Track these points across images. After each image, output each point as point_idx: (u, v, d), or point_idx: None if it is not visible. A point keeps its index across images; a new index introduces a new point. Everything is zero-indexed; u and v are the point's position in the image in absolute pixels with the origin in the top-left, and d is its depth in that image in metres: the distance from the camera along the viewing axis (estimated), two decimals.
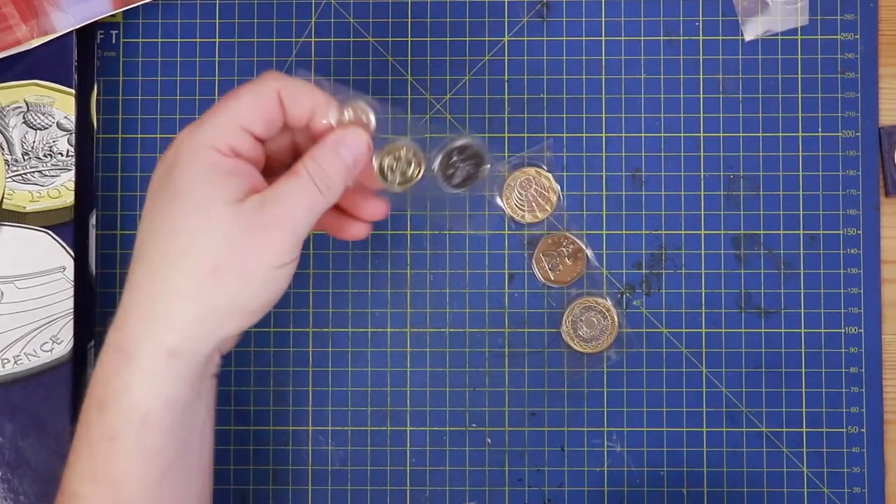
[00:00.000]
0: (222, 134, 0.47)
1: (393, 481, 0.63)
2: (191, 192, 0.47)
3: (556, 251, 0.63)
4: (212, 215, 0.46)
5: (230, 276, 0.46)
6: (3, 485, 0.59)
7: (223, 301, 0.47)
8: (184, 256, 0.46)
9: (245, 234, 0.46)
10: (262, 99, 0.48)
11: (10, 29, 0.60)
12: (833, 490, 0.62)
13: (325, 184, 0.48)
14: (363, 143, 0.50)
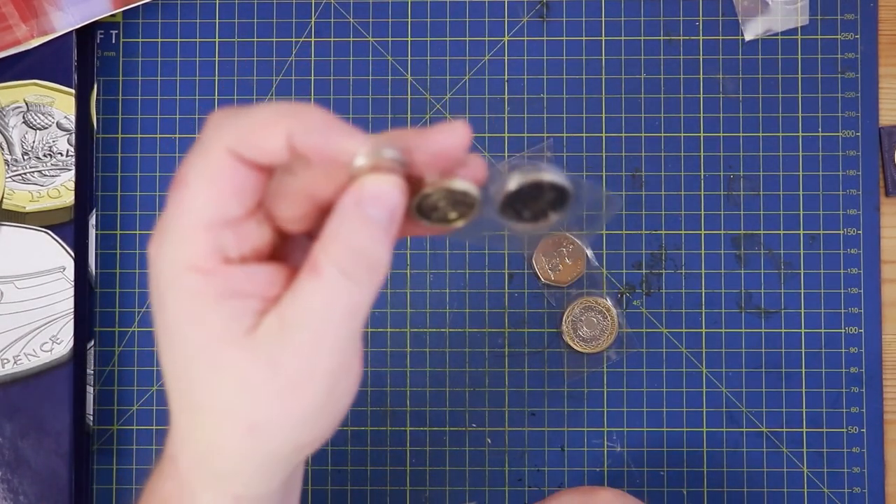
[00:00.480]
0: (192, 245, 0.35)
1: (393, 481, 0.63)
2: (186, 341, 0.35)
3: (555, 251, 0.63)
4: (222, 367, 0.35)
5: (273, 427, 0.35)
6: (3, 485, 0.59)
7: (277, 447, 0.36)
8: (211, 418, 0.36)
9: (273, 375, 0.34)
10: (212, 176, 0.35)
11: (10, 29, 0.60)
12: (833, 490, 0.62)
13: (364, 267, 0.34)
14: (392, 187, 0.34)
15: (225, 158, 0.34)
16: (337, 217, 0.34)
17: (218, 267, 0.35)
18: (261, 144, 0.34)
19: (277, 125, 0.34)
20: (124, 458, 0.63)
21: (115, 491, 0.63)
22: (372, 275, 0.34)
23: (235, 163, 0.34)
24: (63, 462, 0.59)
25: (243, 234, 0.35)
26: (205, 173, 0.35)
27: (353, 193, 0.34)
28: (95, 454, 0.63)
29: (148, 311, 0.63)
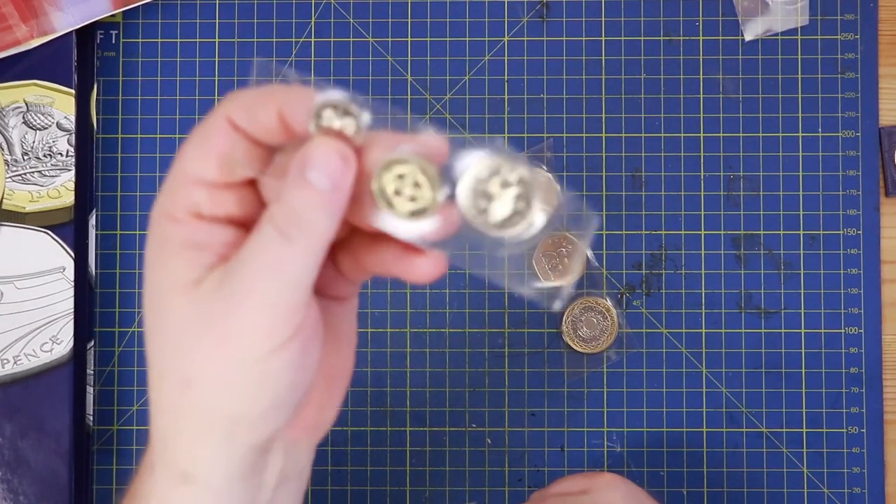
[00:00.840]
0: (173, 196, 0.36)
1: (393, 481, 0.63)
2: (147, 283, 0.37)
3: (555, 251, 0.63)
4: (165, 311, 0.36)
5: (205, 384, 0.36)
6: (3, 485, 0.59)
7: (211, 416, 0.36)
8: (159, 370, 0.37)
9: (204, 326, 0.35)
10: (206, 137, 0.36)
11: (10, 29, 0.60)
12: (833, 490, 0.62)
13: (295, 226, 0.35)
14: (335, 155, 0.35)
15: (221, 125, 0.36)
16: (286, 181, 0.35)
17: (187, 218, 0.36)
18: (255, 115, 0.36)
19: (270, 98, 0.36)
20: (124, 458, 0.63)
21: (115, 491, 0.63)
22: (306, 237, 0.35)
23: (229, 130, 0.36)
24: (63, 462, 0.59)
25: (222, 198, 0.37)
26: (199, 134, 0.37)
27: (298, 157, 0.35)
28: (95, 454, 0.63)
29: None
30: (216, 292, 0.35)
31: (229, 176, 0.36)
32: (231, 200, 0.37)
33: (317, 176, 0.35)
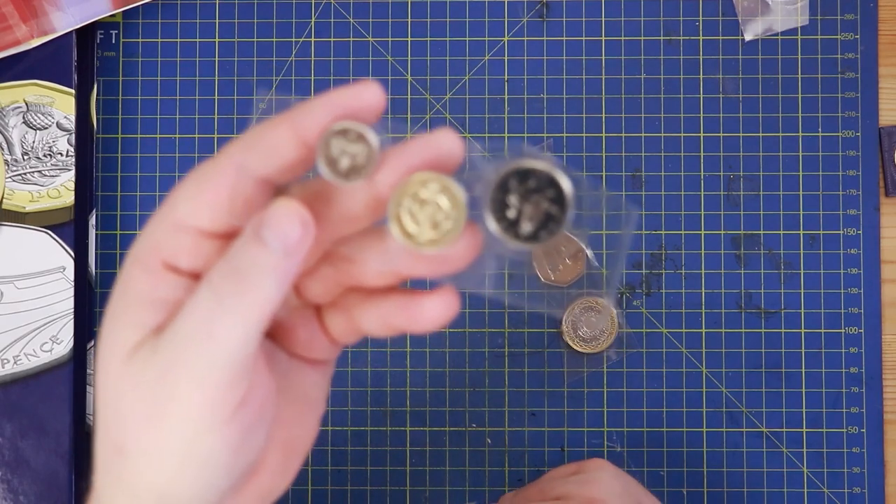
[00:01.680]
0: (153, 240, 0.33)
1: (393, 481, 0.63)
2: (100, 335, 0.34)
3: (556, 251, 0.63)
4: (107, 373, 0.33)
5: (136, 455, 0.33)
6: (3, 485, 0.59)
7: (140, 486, 0.33)
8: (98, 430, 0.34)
9: (139, 397, 0.32)
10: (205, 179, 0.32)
11: (10, 29, 0.60)
12: (833, 490, 0.62)
13: (237, 290, 0.31)
14: (295, 220, 0.31)
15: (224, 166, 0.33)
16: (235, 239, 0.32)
17: (158, 269, 0.33)
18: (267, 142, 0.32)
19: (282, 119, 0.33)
20: None
21: None
22: (243, 300, 0.31)
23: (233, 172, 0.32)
24: (63, 462, 0.59)
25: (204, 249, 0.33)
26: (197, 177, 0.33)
27: (256, 217, 0.32)
28: None
29: None
30: (150, 359, 0.32)
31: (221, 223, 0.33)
32: (213, 254, 0.33)
33: (271, 236, 0.31)
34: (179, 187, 0.33)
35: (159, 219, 0.33)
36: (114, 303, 0.33)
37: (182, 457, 0.32)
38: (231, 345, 0.31)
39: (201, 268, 0.33)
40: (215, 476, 0.33)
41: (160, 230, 0.33)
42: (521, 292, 0.44)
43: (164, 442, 0.32)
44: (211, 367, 0.31)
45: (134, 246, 0.33)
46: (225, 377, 0.31)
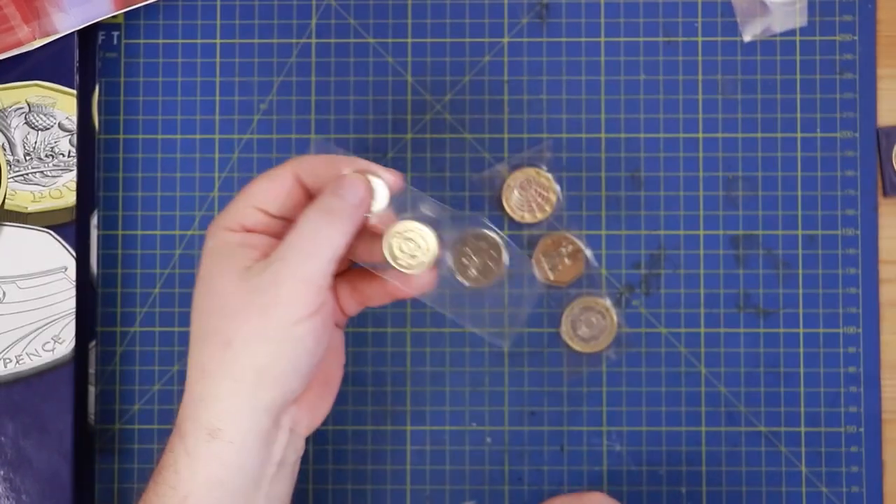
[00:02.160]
0: (233, 215, 0.48)
1: (393, 481, 0.63)
2: (205, 270, 0.48)
3: (555, 251, 0.63)
4: (219, 289, 0.46)
5: (243, 344, 0.45)
6: (5, 484, 0.59)
7: (245, 369, 0.45)
8: (204, 335, 0.47)
9: (250, 299, 0.45)
10: (275, 181, 0.49)
11: (12, 30, 0.60)
12: (831, 489, 0.62)
13: (328, 222, 0.46)
14: (361, 183, 0.48)
15: (288, 175, 0.49)
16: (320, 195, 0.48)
17: (243, 230, 0.48)
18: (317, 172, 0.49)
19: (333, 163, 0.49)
20: (126, 457, 0.63)
21: (118, 490, 0.63)
22: (333, 230, 0.46)
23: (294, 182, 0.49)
24: (65, 461, 0.59)
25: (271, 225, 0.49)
26: (270, 176, 0.49)
27: (334, 181, 0.48)
28: (97, 454, 0.63)
29: (150, 310, 0.64)
30: (262, 272, 0.45)
31: (283, 212, 0.49)
32: (278, 227, 0.49)
33: (347, 192, 0.47)
34: (256, 180, 0.49)
35: (241, 201, 0.49)
36: (210, 249, 0.48)
37: (281, 339, 0.45)
38: (324, 261, 0.46)
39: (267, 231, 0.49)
40: (304, 353, 0.46)
41: (241, 207, 0.49)
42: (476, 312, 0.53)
43: (270, 328, 0.45)
44: (310, 274, 0.45)
45: (217, 218, 0.49)
46: (316, 282, 0.46)
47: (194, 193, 0.64)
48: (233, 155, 0.64)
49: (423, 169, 0.64)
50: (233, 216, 0.48)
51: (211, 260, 0.48)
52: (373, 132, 0.64)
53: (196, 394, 0.47)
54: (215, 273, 0.47)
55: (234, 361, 0.45)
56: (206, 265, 0.48)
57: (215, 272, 0.47)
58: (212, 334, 0.46)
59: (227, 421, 0.46)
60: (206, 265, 0.48)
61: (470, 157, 0.64)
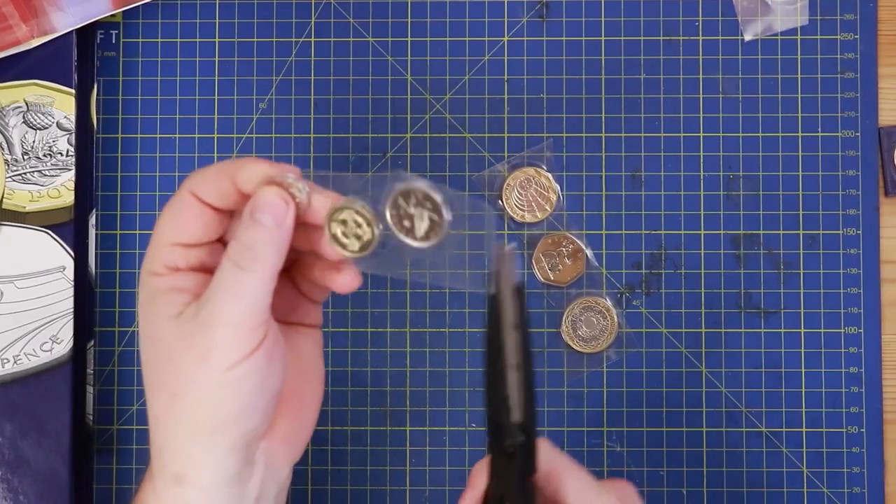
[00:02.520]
0: (152, 258, 0.46)
1: (393, 481, 0.63)
2: (142, 320, 0.46)
3: (555, 251, 0.63)
4: (155, 337, 0.45)
5: (187, 394, 0.44)
6: (3, 484, 0.59)
7: (196, 420, 0.44)
8: (151, 385, 0.45)
9: (186, 346, 0.44)
10: (175, 209, 0.46)
11: (10, 29, 0.60)
12: (833, 490, 0.62)
13: (250, 257, 0.44)
14: (278, 200, 0.44)
15: (188, 199, 0.45)
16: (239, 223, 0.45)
17: (168, 272, 0.46)
18: (215, 188, 0.45)
19: (224, 172, 0.45)
20: (124, 457, 0.63)
21: (116, 490, 0.63)
22: (258, 267, 0.44)
23: (194, 203, 0.45)
24: (63, 462, 0.59)
25: (194, 255, 0.46)
26: (170, 207, 0.46)
27: (249, 203, 0.45)
28: (95, 454, 0.63)
29: None
30: (193, 319, 0.44)
31: (197, 237, 0.46)
32: (200, 255, 0.46)
33: (264, 217, 0.44)
34: (161, 217, 0.46)
35: (154, 243, 0.46)
36: (145, 298, 0.46)
37: (225, 383, 0.43)
38: (252, 300, 0.43)
39: (197, 263, 0.46)
40: (251, 397, 0.44)
41: (157, 250, 0.46)
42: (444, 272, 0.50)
43: (210, 375, 0.43)
44: (239, 316, 0.43)
45: (143, 264, 0.46)
46: (248, 322, 0.43)
47: None
48: (232, 154, 0.64)
49: (422, 168, 0.64)
50: (152, 259, 0.46)
51: (145, 309, 0.46)
52: (372, 131, 0.64)
53: (156, 442, 0.46)
54: (150, 321, 0.45)
55: (183, 411, 0.44)
56: (142, 315, 0.46)
57: (150, 321, 0.45)
58: (158, 384, 0.45)
59: (190, 467, 0.45)
60: (141, 315, 0.46)
61: (470, 157, 0.64)
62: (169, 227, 0.46)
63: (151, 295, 0.45)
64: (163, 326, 0.45)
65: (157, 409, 0.45)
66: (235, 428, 0.44)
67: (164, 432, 0.45)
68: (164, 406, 0.45)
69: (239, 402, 0.44)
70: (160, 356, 0.45)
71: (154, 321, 0.45)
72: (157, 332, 0.45)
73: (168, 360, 0.44)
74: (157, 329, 0.45)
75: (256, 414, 0.45)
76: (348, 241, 0.45)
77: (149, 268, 0.46)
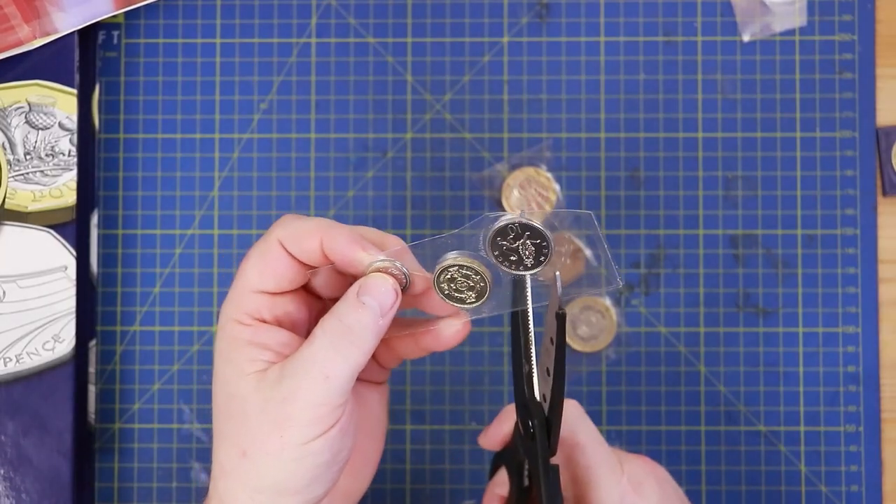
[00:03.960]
0: (237, 304, 0.45)
1: (393, 480, 0.63)
2: (219, 369, 0.46)
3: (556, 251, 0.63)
4: (232, 392, 0.44)
5: (258, 457, 0.43)
6: (6, 483, 0.59)
7: (262, 482, 0.44)
8: (222, 435, 0.45)
9: (263, 411, 0.43)
10: (264, 257, 0.45)
11: (13, 29, 0.60)
12: (831, 488, 0.62)
13: (348, 341, 0.43)
14: (388, 288, 0.44)
15: (276, 248, 0.45)
16: (341, 301, 0.44)
17: (252, 322, 0.45)
18: (301, 245, 0.44)
19: (314, 233, 0.44)
20: (126, 456, 0.63)
21: (117, 489, 0.63)
22: (352, 350, 0.43)
23: (282, 253, 0.45)
24: (65, 460, 0.59)
25: (278, 303, 0.45)
26: (259, 252, 0.45)
27: (357, 284, 0.44)
28: (97, 452, 0.63)
29: (150, 310, 0.64)
30: (277, 385, 0.43)
31: (283, 286, 0.45)
32: (285, 304, 0.45)
33: (371, 302, 0.43)
34: (246, 262, 0.45)
35: (238, 287, 0.45)
36: (224, 347, 0.45)
37: (297, 456, 0.43)
38: (339, 382, 0.43)
39: (281, 315, 0.45)
40: (320, 470, 0.44)
41: (242, 295, 0.45)
42: None
43: (284, 446, 0.43)
44: (327, 397, 0.42)
45: (224, 309, 0.46)
46: (336, 402, 0.43)
47: (194, 193, 0.64)
48: (233, 154, 0.64)
49: (422, 168, 0.64)
50: (236, 306, 0.45)
51: (224, 356, 0.45)
52: (372, 132, 0.64)
53: (219, 489, 0.46)
54: (228, 375, 0.45)
55: (249, 472, 0.44)
56: (220, 361, 0.45)
57: (228, 374, 0.45)
58: (228, 438, 0.45)
59: None
60: (219, 363, 0.46)
61: (470, 157, 0.64)
62: (256, 272, 0.45)
63: (232, 343, 0.45)
64: (241, 383, 0.44)
65: (224, 460, 0.45)
66: (302, 495, 0.44)
67: (228, 484, 0.45)
68: (232, 461, 0.44)
69: (310, 475, 0.44)
70: (233, 412, 0.44)
71: (232, 374, 0.44)
72: (233, 387, 0.44)
73: (241, 419, 0.44)
74: (233, 384, 0.44)
75: (325, 483, 0.45)
76: (464, 296, 0.45)
77: (232, 314, 0.45)
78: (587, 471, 0.50)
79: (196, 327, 0.63)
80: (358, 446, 0.47)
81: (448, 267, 0.44)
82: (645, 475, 0.51)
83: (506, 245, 0.44)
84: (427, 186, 0.64)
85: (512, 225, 0.43)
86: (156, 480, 0.63)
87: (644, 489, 0.51)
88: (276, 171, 0.64)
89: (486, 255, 0.44)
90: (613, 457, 0.51)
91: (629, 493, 0.50)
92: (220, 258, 0.64)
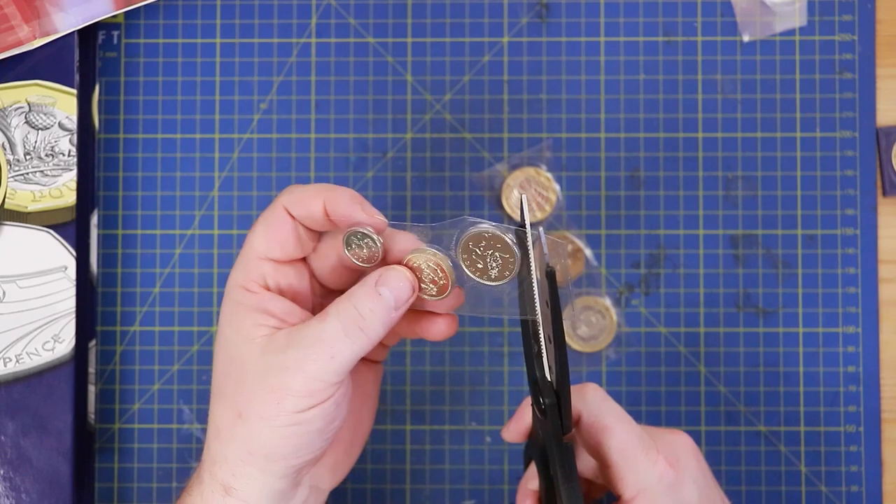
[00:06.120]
0: (244, 270, 0.47)
1: (393, 480, 0.63)
2: (222, 332, 0.47)
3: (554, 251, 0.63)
4: (233, 355, 0.46)
5: (254, 420, 0.45)
6: (5, 483, 0.59)
7: (255, 445, 0.46)
8: (219, 395, 0.47)
9: (263, 376, 0.45)
10: (270, 223, 0.47)
11: (12, 29, 0.60)
12: (831, 489, 0.62)
13: (359, 327, 0.45)
14: (407, 284, 0.46)
15: (281, 214, 0.47)
16: (358, 285, 0.46)
17: (257, 289, 0.47)
18: (306, 208, 0.46)
19: (317, 196, 0.46)
20: (126, 456, 0.63)
21: (117, 489, 0.63)
22: (361, 336, 0.44)
23: (287, 219, 0.47)
24: (65, 460, 0.59)
25: (282, 273, 0.47)
26: (265, 220, 0.47)
27: (377, 273, 0.46)
28: (97, 453, 0.63)
29: (149, 310, 0.64)
30: (281, 352, 0.45)
31: (289, 254, 0.47)
32: (288, 275, 0.47)
33: (388, 293, 0.45)
34: (254, 229, 0.47)
35: (246, 254, 0.47)
36: (230, 311, 0.47)
37: (290, 422, 0.44)
38: (342, 363, 0.44)
39: (285, 285, 0.47)
40: (311, 438, 0.45)
41: (249, 262, 0.47)
42: None
43: (279, 412, 0.44)
44: (329, 373, 0.44)
45: (232, 276, 0.47)
46: (332, 380, 0.44)
47: (194, 193, 0.64)
48: (233, 154, 0.64)
49: (422, 168, 0.64)
50: (244, 273, 0.47)
51: (228, 322, 0.47)
52: (372, 132, 0.64)
53: (213, 450, 0.47)
54: (231, 338, 0.46)
55: (245, 434, 0.45)
56: (224, 327, 0.47)
57: (231, 337, 0.46)
58: (226, 399, 0.46)
59: (240, 482, 0.46)
60: (223, 326, 0.47)
61: (470, 157, 0.64)
62: (262, 239, 0.47)
63: (237, 308, 0.46)
64: (243, 347, 0.46)
65: (219, 422, 0.46)
66: (291, 460, 0.46)
67: (221, 445, 0.46)
68: (227, 423, 0.46)
69: (300, 442, 0.45)
70: (233, 374, 0.46)
71: (237, 339, 0.46)
72: (235, 350, 0.46)
73: (240, 382, 0.45)
74: (236, 347, 0.46)
75: (314, 451, 0.46)
76: (427, 287, 0.46)
77: (239, 280, 0.47)
78: (620, 454, 0.48)
79: (196, 327, 0.63)
80: (349, 421, 0.49)
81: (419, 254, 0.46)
82: (682, 450, 0.49)
83: (476, 253, 0.45)
84: (427, 186, 0.64)
85: (485, 233, 0.45)
86: (156, 480, 0.63)
87: (681, 465, 0.49)
88: (276, 172, 0.64)
89: (455, 256, 0.46)
90: (646, 435, 0.49)
91: (667, 473, 0.48)
92: (220, 258, 0.64)
